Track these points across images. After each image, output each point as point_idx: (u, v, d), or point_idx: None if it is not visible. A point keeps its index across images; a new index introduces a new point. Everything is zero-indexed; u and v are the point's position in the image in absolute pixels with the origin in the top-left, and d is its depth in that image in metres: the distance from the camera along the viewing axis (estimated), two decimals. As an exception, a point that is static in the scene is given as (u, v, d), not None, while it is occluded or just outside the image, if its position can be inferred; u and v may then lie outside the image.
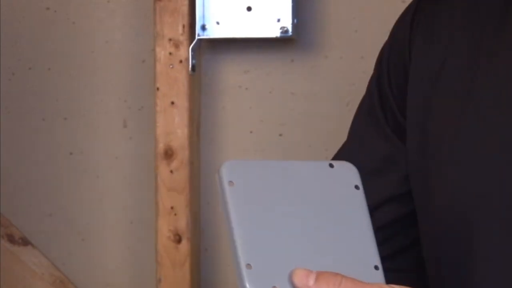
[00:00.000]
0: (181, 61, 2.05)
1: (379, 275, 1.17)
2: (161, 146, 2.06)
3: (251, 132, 2.14)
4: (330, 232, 1.18)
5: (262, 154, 2.14)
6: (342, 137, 2.04)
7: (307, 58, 2.13)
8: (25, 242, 2.11)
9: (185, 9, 2.04)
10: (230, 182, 1.18)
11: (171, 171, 2.06)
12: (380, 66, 1.49)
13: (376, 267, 1.18)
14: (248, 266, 1.15)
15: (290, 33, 2.04)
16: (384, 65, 1.47)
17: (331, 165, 1.19)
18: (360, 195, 1.20)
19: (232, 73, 2.14)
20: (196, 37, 2.05)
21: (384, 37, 2.03)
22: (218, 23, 2.05)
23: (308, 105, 2.13)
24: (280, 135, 2.13)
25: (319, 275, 1.14)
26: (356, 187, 1.19)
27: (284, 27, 2.03)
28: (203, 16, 2.05)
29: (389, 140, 1.45)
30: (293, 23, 2.04)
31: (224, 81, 2.14)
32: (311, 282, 1.14)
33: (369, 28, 2.12)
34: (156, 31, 2.05)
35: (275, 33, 2.04)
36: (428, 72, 1.41)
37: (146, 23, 2.10)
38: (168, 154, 2.06)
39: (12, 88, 2.16)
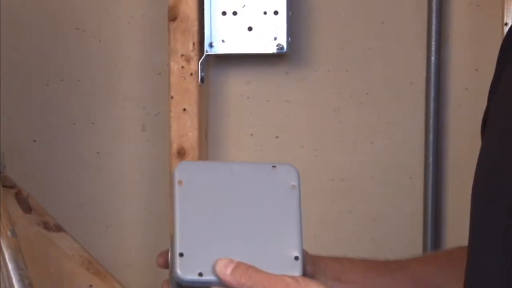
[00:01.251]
0: (191, 74, 2.08)
1: (298, 265, 1.22)
2: (174, 147, 2.09)
3: (251, 134, 2.18)
4: (259, 227, 1.25)
5: (261, 154, 2.18)
6: (330, 138, 2.13)
7: (299, 71, 2.17)
8: (58, 228, 2.15)
9: (195, 29, 2.08)
10: (180, 181, 1.24)
11: None
12: None
13: (296, 258, 1.23)
14: (181, 254, 1.21)
15: (285, 49, 2.08)
16: None
17: (274, 166, 1.27)
18: (295, 193, 1.26)
19: (235, 84, 2.18)
20: (205, 53, 2.09)
21: (365, 53, 2.12)
22: (223, 41, 2.10)
23: (301, 112, 2.17)
24: (277, 137, 2.17)
25: (236, 266, 1.21)
26: (293, 186, 1.26)
27: (279, 45, 2.08)
28: (211, 35, 2.09)
29: None
30: (287, 41, 2.08)
31: (229, 91, 2.18)
32: (228, 271, 1.21)
33: (352, 46, 2.15)
34: (170, 48, 2.08)
35: (272, 49, 2.09)
36: None
37: (162, 41, 2.11)
38: (181, 153, 2.09)
39: (47, 96, 2.19)
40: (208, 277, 1.22)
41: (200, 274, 1.22)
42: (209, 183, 1.29)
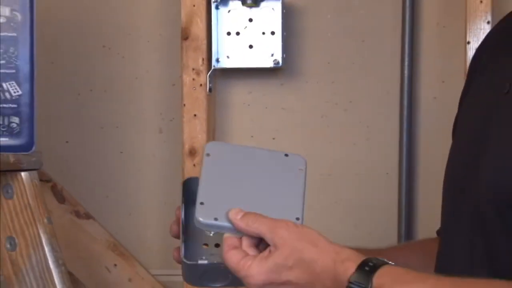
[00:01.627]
0: (201, 85, 2.08)
1: (298, 223, 1.25)
2: (186, 147, 2.09)
3: (252, 136, 2.20)
4: (269, 194, 1.28)
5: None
6: (319, 140, 2.16)
7: (292, 82, 2.18)
8: (88, 216, 2.16)
9: (204, 47, 2.08)
10: (208, 154, 1.28)
11: (194, 165, 2.08)
12: None
13: (297, 218, 1.26)
14: (201, 203, 1.24)
15: (280, 64, 2.09)
16: None
17: (286, 155, 1.31)
18: (301, 175, 1.30)
19: (238, 94, 2.19)
20: (212, 67, 2.09)
21: (348, 67, 2.14)
22: (228, 57, 2.11)
23: (294, 117, 2.18)
24: (273, 138, 2.19)
25: (245, 214, 1.24)
26: (300, 170, 1.30)
27: (276, 60, 2.10)
28: (217, 52, 2.10)
29: None
30: (282, 57, 2.09)
31: (232, 99, 2.20)
32: (238, 217, 1.24)
33: (337, 61, 2.16)
34: (183, 63, 2.08)
35: (269, 64, 2.10)
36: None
37: (176, 57, 2.12)
38: (192, 153, 2.09)
39: (78, 104, 2.21)
40: (222, 222, 1.24)
41: (216, 219, 1.24)
42: (231, 158, 1.32)
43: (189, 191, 1.33)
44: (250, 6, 2.11)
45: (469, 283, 1.22)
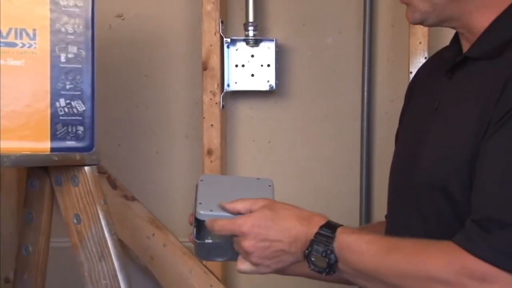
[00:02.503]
0: (216, 103, 2.08)
1: None
2: (205, 148, 2.09)
3: (253, 140, 2.18)
4: (246, 195, 1.28)
5: (259, 153, 2.17)
6: (301, 143, 2.16)
7: (283, 101, 2.17)
8: (133, 199, 2.15)
9: (218, 75, 2.08)
10: (201, 180, 1.32)
11: (211, 161, 2.08)
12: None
13: None
14: (200, 203, 1.27)
15: (274, 88, 2.10)
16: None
17: (258, 179, 1.33)
18: (270, 188, 1.31)
19: (243, 109, 2.18)
20: (224, 90, 2.09)
21: (324, 90, 2.13)
22: (236, 82, 2.11)
23: (284, 126, 2.17)
24: (269, 142, 2.18)
25: (233, 201, 1.26)
26: (269, 186, 1.31)
27: (270, 85, 2.10)
28: (228, 79, 2.11)
29: None
30: (275, 83, 2.10)
31: (239, 114, 2.19)
32: (228, 203, 1.26)
33: (316, 85, 2.15)
34: (203, 87, 2.08)
35: (266, 88, 2.11)
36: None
37: (198, 82, 2.11)
38: (209, 152, 2.09)
39: (127, 117, 2.20)
40: (216, 212, 1.26)
41: (211, 210, 1.26)
42: (219, 182, 1.36)
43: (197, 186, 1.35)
44: (252, 46, 2.11)
45: (398, 239, 1.23)
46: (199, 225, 1.29)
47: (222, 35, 2.08)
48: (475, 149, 1.19)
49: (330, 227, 1.23)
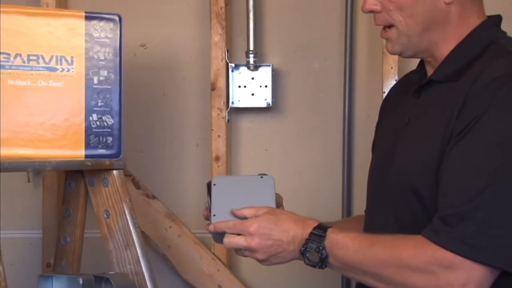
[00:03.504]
0: (223, 117, 2.08)
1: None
2: (214, 155, 2.08)
3: (253, 148, 2.16)
4: (254, 198, 1.29)
5: (257, 159, 2.14)
6: (294, 149, 2.13)
7: (278, 116, 2.15)
8: (153, 197, 2.13)
9: (224, 94, 2.07)
10: (214, 184, 1.31)
11: (218, 166, 2.08)
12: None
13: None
14: (214, 215, 1.28)
15: (270, 105, 2.09)
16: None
17: (261, 177, 1.32)
18: (272, 186, 1.30)
19: (245, 123, 2.16)
20: (229, 107, 2.08)
21: (313, 107, 2.11)
22: (239, 100, 2.10)
23: (279, 137, 2.14)
24: (266, 150, 2.16)
25: (242, 208, 1.27)
26: (271, 184, 1.30)
27: (268, 102, 2.09)
28: (232, 97, 2.09)
29: None
30: (272, 101, 2.09)
31: (241, 126, 2.16)
32: (238, 210, 1.27)
33: (306, 103, 2.13)
34: (211, 104, 2.08)
35: (264, 105, 2.10)
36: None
37: (207, 100, 2.10)
38: (217, 158, 2.08)
39: (148, 130, 2.18)
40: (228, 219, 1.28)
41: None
42: (228, 183, 1.34)
43: (210, 188, 1.34)
44: (252, 70, 2.10)
45: (377, 235, 1.23)
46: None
47: (227, 61, 2.08)
48: (440, 155, 1.19)
49: (322, 228, 1.24)
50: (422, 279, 1.13)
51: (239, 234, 1.26)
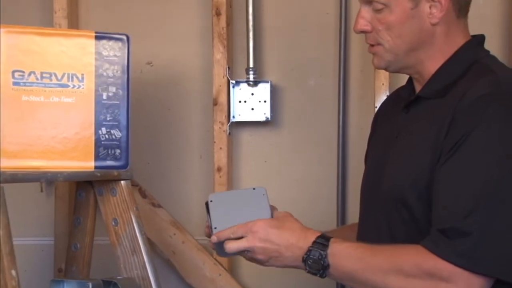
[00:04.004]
0: (224, 131, 2.08)
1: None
2: (216, 166, 2.08)
3: (253, 160, 2.16)
4: (249, 209, 1.28)
5: (257, 170, 2.14)
6: (291, 160, 2.13)
7: (276, 129, 2.14)
8: (159, 206, 2.13)
9: (225, 109, 2.08)
10: (211, 201, 1.30)
11: (220, 176, 2.08)
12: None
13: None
14: (215, 228, 1.27)
15: (269, 119, 2.09)
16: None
17: (254, 188, 1.30)
18: (265, 197, 1.29)
19: (244, 136, 2.15)
20: (230, 120, 2.08)
21: (308, 121, 2.11)
22: (239, 115, 2.10)
23: (277, 149, 2.14)
24: (265, 161, 2.16)
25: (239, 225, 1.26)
26: (263, 194, 1.29)
27: (266, 117, 2.09)
28: (233, 112, 2.09)
29: None
30: (270, 115, 2.09)
31: (242, 139, 2.16)
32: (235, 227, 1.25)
33: (302, 117, 2.13)
34: (214, 118, 2.08)
35: (263, 119, 2.09)
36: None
37: (210, 114, 2.10)
38: (219, 169, 2.08)
39: (153, 142, 2.17)
40: None
41: None
42: (224, 198, 1.33)
43: (208, 206, 1.33)
44: (252, 86, 2.10)
45: (378, 245, 1.22)
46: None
47: (228, 77, 2.08)
48: (430, 172, 1.19)
49: (325, 238, 1.24)
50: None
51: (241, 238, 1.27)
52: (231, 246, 1.26)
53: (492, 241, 1.11)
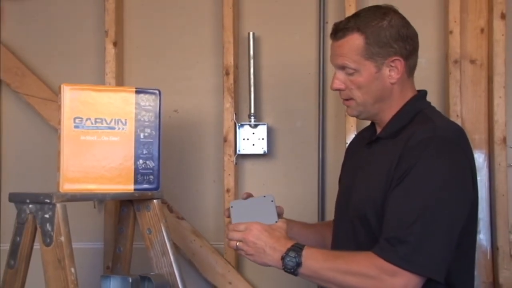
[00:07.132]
0: (232, 161, 2.06)
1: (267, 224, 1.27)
2: (225, 188, 2.05)
3: (254, 183, 2.12)
4: (260, 213, 1.26)
5: (258, 190, 2.00)
6: (285, 185, 2.09)
7: (272, 160, 2.13)
8: (182, 218, 2.10)
9: (233, 145, 2.06)
10: (231, 206, 1.30)
11: (229, 196, 2.04)
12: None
13: (276, 221, 1.28)
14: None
15: (266, 152, 2.08)
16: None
17: (264, 196, 1.30)
18: (272, 203, 1.28)
19: (248, 164, 2.12)
20: (237, 153, 2.07)
21: (296, 154, 2.09)
22: (243, 149, 2.08)
23: (272, 175, 2.12)
24: (263, 184, 2.11)
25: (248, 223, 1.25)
26: (272, 201, 1.28)
27: (264, 150, 2.08)
28: (239, 146, 2.08)
29: None
30: (267, 149, 2.08)
31: (245, 167, 2.13)
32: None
33: (292, 150, 2.11)
34: (223, 151, 2.07)
35: (262, 152, 2.08)
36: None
37: (221, 148, 2.06)
38: (228, 190, 2.05)
39: (179, 170, 2.14)
40: None
41: None
42: (242, 204, 1.33)
43: (229, 210, 1.33)
44: (253, 127, 2.10)
45: (342, 252, 1.23)
46: None
47: (235, 121, 2.08)
48: (384, 195, 1.22)
49: (300, 245, 1.24)
50: (373, 284, 1.15)
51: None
52: (233, 233, 1.26)
53: (426, 248, 1.13)
